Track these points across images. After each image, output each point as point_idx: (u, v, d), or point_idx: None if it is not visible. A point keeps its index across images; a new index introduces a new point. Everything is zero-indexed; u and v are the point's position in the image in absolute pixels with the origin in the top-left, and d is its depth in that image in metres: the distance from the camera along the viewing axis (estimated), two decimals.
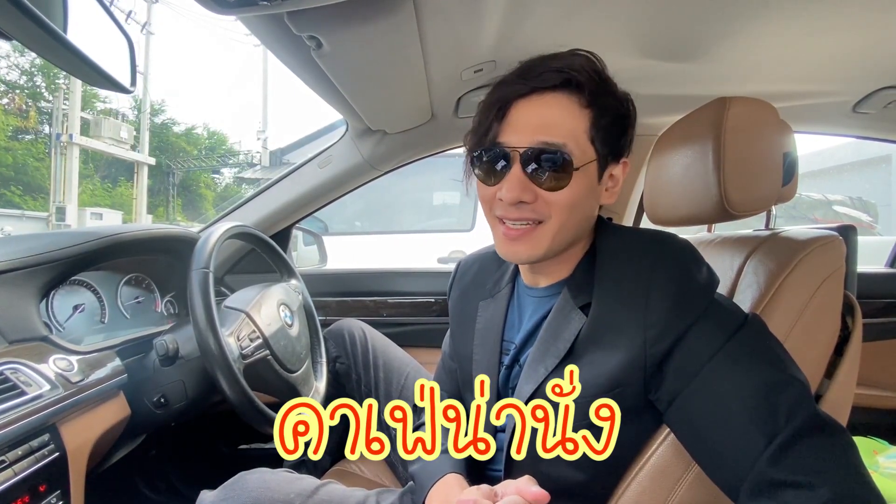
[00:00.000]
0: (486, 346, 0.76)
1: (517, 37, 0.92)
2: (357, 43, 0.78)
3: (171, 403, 0.94)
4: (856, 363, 0.74)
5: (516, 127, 0.62)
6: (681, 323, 0.57)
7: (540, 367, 0.64)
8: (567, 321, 0.65)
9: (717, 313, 0.58)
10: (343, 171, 1.39)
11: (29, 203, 14.47)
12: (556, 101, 0.61)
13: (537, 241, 0.64)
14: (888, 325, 1.48)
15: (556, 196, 0.61)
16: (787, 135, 0.79)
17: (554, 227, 0.63)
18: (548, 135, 0.60)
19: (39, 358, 0.75)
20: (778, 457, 0.48)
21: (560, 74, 0.61)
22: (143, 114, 15.57)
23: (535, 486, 0.50)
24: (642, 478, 0.64)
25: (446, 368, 0.90)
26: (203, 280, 0.86)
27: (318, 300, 1.40)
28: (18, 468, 0.64)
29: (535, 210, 0.62)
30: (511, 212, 0.63)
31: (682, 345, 0.57)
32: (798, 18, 0.88)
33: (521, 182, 0.61)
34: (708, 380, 0.54)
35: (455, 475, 0.69)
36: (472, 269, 0.85)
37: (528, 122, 0.61)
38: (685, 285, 0.59)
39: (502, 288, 0.78)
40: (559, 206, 0.62)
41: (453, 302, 0.87)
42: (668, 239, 0.64)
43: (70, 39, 0.57)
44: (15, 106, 15.57)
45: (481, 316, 0.78)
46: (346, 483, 0.78)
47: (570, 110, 0.61)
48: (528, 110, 0.62)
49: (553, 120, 0.61)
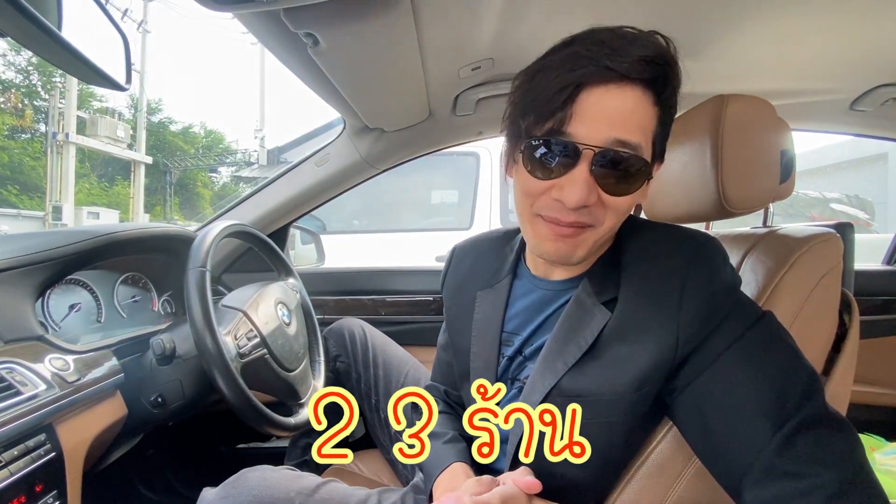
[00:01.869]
0: (485, 339, 0.73)
1: (515, 34, 0.92)
2: (354, 40, 0.77)
3: (168, 403, 0.94)
4: (853, 360, 0.74)
5: (589, 118, 0.53)
6: (711, 323, 0.56)
7: (558, 362, 0.61)
8: (589, 316, 0.61)
9: (739, 309, 0.57)
10: (340, 169, 1.39)
11: (25, 202, 14.43)
12: (634, 95, 0.54)
13: (581, 243, 0.59)
14: (885, 322, 1.48)
15: (618, 201, 0.56)
16: (785, 132, 0.79)
17: (602, 232, 0.58)
18: (625, 133, 0.54)
19: (35, 357, 0.74)
20: (784, 447, 0.48)
21: (652, 67, 0.53)
22: (139, 112, 15.53)
23: (530, 476, 0.52)
24: (642, 474, 0.64)
25: (442, 361, 0.88)
26: (200, 279, 0.86)
27: (316, 299, 1.40)
28: (14, 468, 0.64)
29: (592, 214, 0.57)
30: (568, 215, 0.56)
31: (705, 342, 0.56)
32: (796, 16, 0.88)
33: (587, 184, 0.54)
34: (721, 370, 0.54)
35: (461, 464, 0.70)
36: (468, 257, 0.81)
37: (603, 116, 0.53)
38: (718, 286, 0.57)
39: (502, 278, 0.74)
40: (616, 212, 0.57)
41: (449, 291, 0.83)
42: (701, 237, 0.61)
43: (65, 37, 0.57)
44: (11, 104, 15.50)
45: (479, 306, 0.75)
46: (346, 482, 0.78)
47: (645, 107, 0.55)
48: (605, 100, 0.53)
49: (630, 117, 0.54)
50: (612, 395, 0.59)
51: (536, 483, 0.52)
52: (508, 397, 0.70)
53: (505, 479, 0.55)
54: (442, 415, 0.83)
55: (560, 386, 0.61)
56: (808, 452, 0.47)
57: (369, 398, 1.16)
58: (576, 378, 0.60)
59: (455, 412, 0.84)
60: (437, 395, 0.88)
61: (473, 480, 0.56)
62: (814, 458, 0.47)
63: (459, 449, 0.73)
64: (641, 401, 0.58)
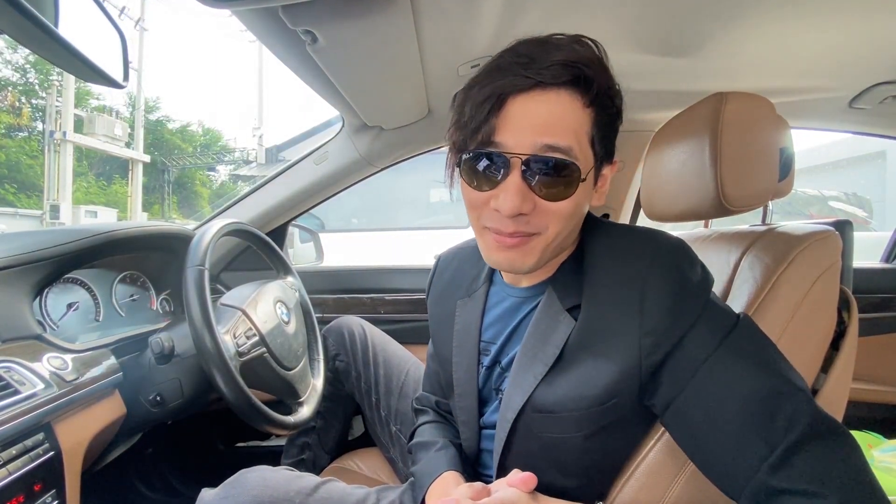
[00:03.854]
0: (464, 348, 0.73)
1: (514, 31, 0.91)
2: (352, 37, 0.77)
3: (167, 402, 0.93)
4: (852, 358, 0.74)
5: (515, 127, 0.54)
6: (677, 329, 0.55)
7: (528, 375, 0.61)
8: (555, 324, 0.61)
9: (712, 315, 0.56)
10: (339, 167, 1.38)
11: (23, 201, 14.39)
12: (559, 99, 0.54)
13: (530, 251, 0.58)
14: (883, 319, 1.48)
15: (556, 206, 0.56)
16: (784, 130, 0.79)
17: (549, 238, 0.58)
18: (552, 137, 0.54)
19: (33, 356, 0.74)
20: (779, 466, 0.47)
21: (569, 70, 0.54)
22: (137, 111, 15.48)
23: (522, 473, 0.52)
24: (639, 475, 0.64)
25: (431, 371, 0.88)
26: (198, 277, 0.85)
27: (315, 297, 1.40)
28: (13, 467, 0.64)
29: (531, 223, 0.57)
30: (507, 225, 0.56)
31: (677, 350, 0.55)
32: (795, 13, 0.87)
33: (520, 192, 0.54)
34: (703, 384, 0.53)
35: (453, 473, 0.70)
36: (450, 266, 0.81)
37: (529, 122, 0.54)
38: (681, 288, 0.56)
39: (479, 287, 0.74)
40: (558, 217, 0.57)
41: (432, 301, 0.83)
42: (662, 238, 0.60)
43: (61, 34, 0.56)
44: (8, 103, 15.45)
45: (459, 316, 0.75)
46: (345, 480, 0.78)
47: (573, 109, 0.55)
48: (530, 108, 0.54)
49: (558, 120, 0.54)
50: (580, 409, 0.58)
51: (531, 476, 0.52)
52: (492, 409, 0.71)
53: (497, 485, 0.55)
54: (433, 424, 0.83)
55: (532, 401, 0.61)
56: (805, 470, 0.46)
57: (369, 397, 1.15)
58: (545, 393, 0.60)
59: (446, 421, 0.84)
60: (428, 405, 0.88)
61: (466, 486, 0.56)
62: (812, 474, 0.46)
63: (450, 457, 0.73)
64: (613, 410, 0.58)
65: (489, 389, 0.72)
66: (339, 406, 1.23)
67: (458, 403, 0.74)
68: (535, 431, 0.62)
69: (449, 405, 0.82)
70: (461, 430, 0.76)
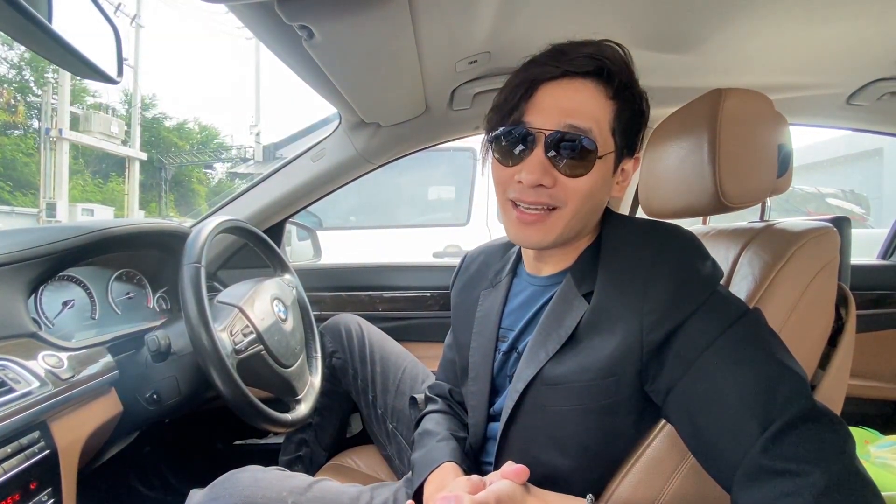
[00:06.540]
0: (483, 334, 0.76)
1: (512, 28, 0.92)
2: (349, 33, 0.77)
3: (163, 399, 0.93)
4: (849, 354, 0.74)
5: (543, 109, 0.61)
6: (679, 312, 0.57)
7: (541, 352, 0.65)
8: (570, 308, 0.65)
9: (718, 304, 0.57)
10: (336, 164, 1.38)
11: (18, 199, 14.33)
12: (584, 88, 0.61)
13: (550, 227, 0.64)
14: (880, 316, 1.49)
15: (575, 183, 0.61)
16: (783, 127, 0.79)
17: (568, 215, 0.63)
18: (575, 118, 0.60)
19: (28, 354, 0.74)
20: (770, 445, 0.48)
21: (593, 61, 0.60)
22: (133, 108, 15.42)
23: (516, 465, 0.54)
24: (637, 469, 0.64)
25: (447, 360, 0.91)
26: (195, 275, 0.85)
27: (313, 295, 1.39)
28: (8, 466, 0.63)
29: (552, 195, 0.62)
30: (528, 195, 0.62)
31: (679, 334, 0.56)
32: (793, 10, 0.87)
33: (542, 165, 0.61)
34: (704, 369, 0.54)
35: (452, 464, 0.71)
36: (476, 261, 0.86)
37: (555, 105, 0.61)
38: (685, 277, 0.59)
39: (503, 277, 0.78)
40: (577, 193, 0.62)
41: (456, 292, 0.87)
42: (672, 230, 0.64)
43: (55, 29, 0.56)
44: (3, 100, 15.36)
45: (481, 305, 0.79)
46: (342, 478, 0.78)
47: (597, 98, 0.61)
48: (557, 93, 0.61)
49: (581, 105, 0.61)
50: (583, 381, 0.61)
51: (523, 468, 0.53)
52: (502, 397, 0.72)
53: (492, 478, 0.55)
54: (438, 414, 0.84)
55: (542, 374, 0.64)
56: (795, 450, 0.47)
57: (366, 394, 1.15)
58: (555, 367, 0.63)
59: (453, 412, 0.86)
60: (441, 392, 0.90)
61: (464, 479, 0.57)
62: (801, 455, 0.46)
63: (452, 448, 0.74)
64: (613, 389, 0.60)
65: (503, 377, 0.74)
66: (336, 403, 1.23)
67: (471, 388, 0.76)
68: (540, 403, 0.64)
69: (462, 393, 0.84)
70: (470, 415, 0.77)
